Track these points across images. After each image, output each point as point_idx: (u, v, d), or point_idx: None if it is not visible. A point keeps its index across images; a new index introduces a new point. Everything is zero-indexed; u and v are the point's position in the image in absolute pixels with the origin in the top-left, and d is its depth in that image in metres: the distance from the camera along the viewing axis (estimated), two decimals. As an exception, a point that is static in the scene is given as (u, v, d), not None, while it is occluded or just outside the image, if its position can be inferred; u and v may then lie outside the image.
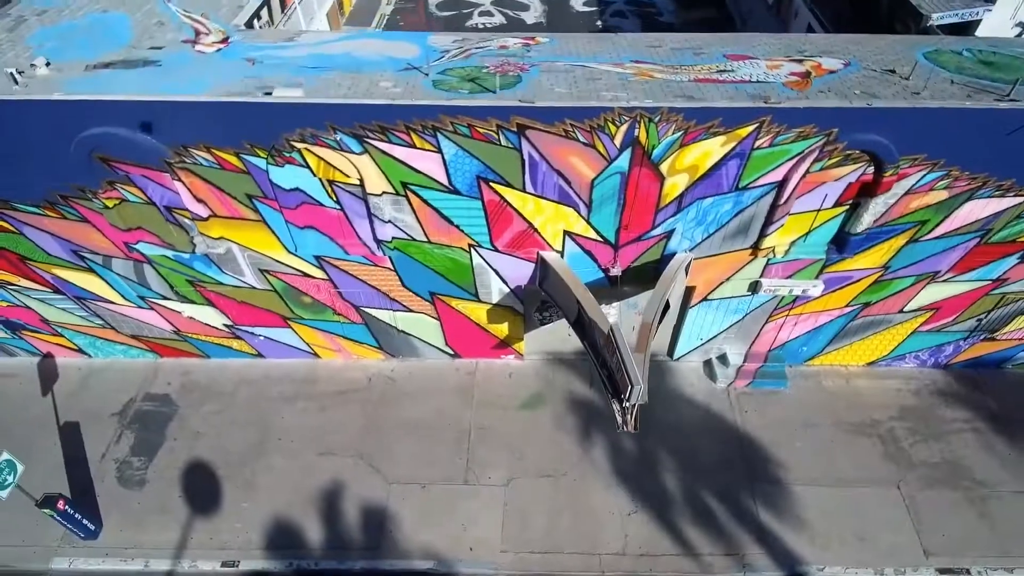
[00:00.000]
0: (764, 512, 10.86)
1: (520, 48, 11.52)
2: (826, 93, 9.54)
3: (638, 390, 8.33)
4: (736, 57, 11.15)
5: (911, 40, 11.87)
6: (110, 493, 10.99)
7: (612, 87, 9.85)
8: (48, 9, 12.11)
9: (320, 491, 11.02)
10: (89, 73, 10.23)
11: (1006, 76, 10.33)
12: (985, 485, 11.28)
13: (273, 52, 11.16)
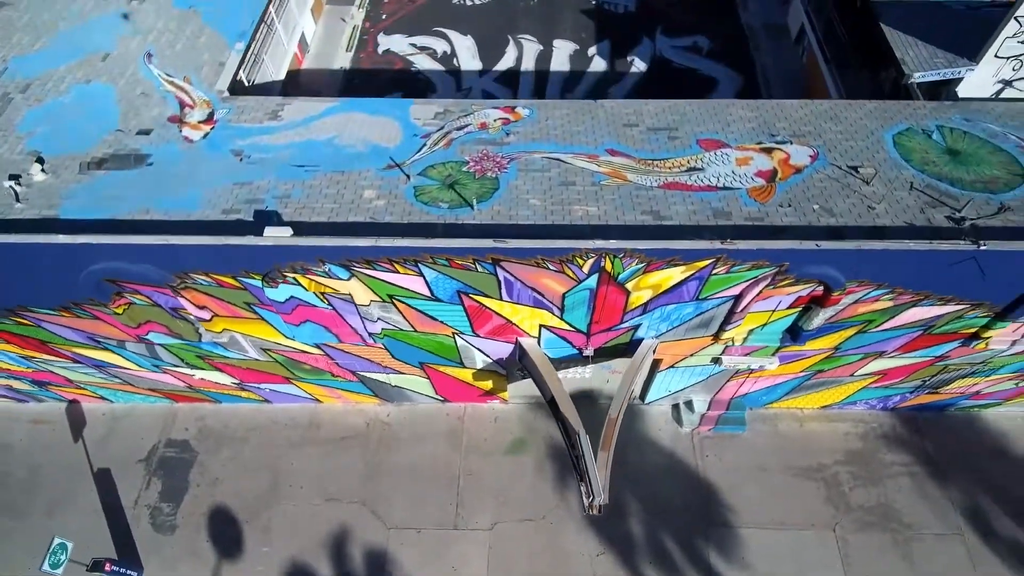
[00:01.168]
0: (715, 554, 12.58)
1: (499, 129, 11.91)
2: (785, 208, 10.16)
3: (597, 501, 9.68)
4: (709, 144, 11.58)
5: (886, 113, 12.17)
6: (146, 538, 12.75)
7: (584, 197, 10.45)
8: (32, 81, 12.36)
9: (329, 536, 12.73)
10: (85, 177, 10.78)
11: (968, 174, 10.83)
12: (911, 528, 12.94)
13: (259, 139, 11.59)
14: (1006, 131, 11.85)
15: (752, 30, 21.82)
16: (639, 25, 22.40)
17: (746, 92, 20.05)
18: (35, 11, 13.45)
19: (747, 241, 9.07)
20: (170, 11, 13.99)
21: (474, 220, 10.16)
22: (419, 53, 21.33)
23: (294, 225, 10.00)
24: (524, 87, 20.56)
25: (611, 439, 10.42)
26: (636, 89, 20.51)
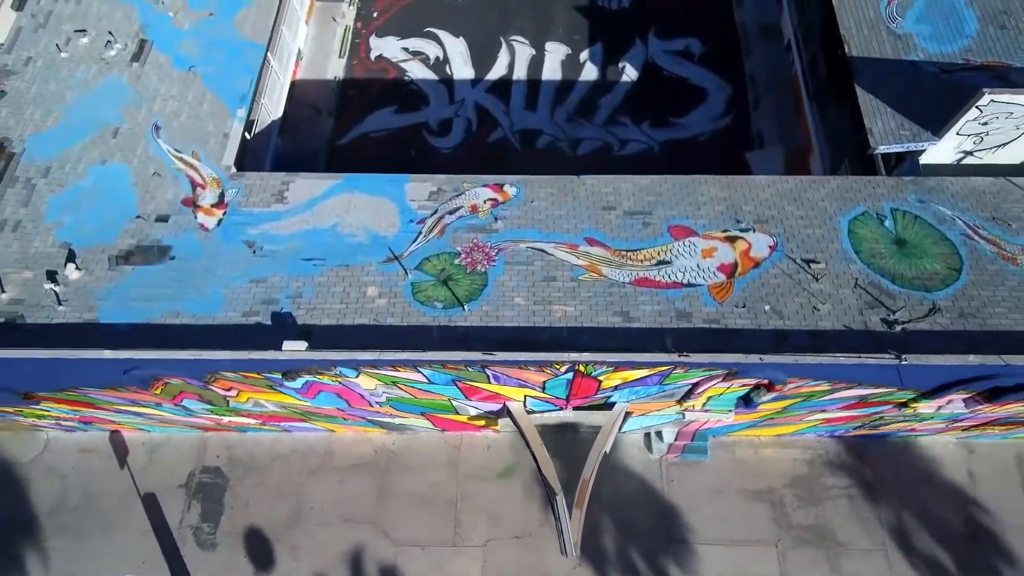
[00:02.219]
0: (673, 567, 14.89)
1: (488, 213, 12.90)
2: (740, 309, 11.45)
3: (570, 557, 11.65)
4: (679, 232, 12.66)
5: (846, 194, 13.17)
6: (192, 556, 15.04)
7: (563, 295, 11.75)
8: (51, 163, 13.22)
9: (346, 553, 15.02)
10: (116, 273, 12.00)
11: (910, 269, 12.04)
12: (842, 544, 15.16)
13: (268, 227, 12.64)
14: (955, 214, 12.92)
15: (746, 30, 21.82)
16: (632, 24, 22.37)
17: (734, 105, 20.52)
18: (41, 81, 14.06)
19: (699, 355, 10.51)
20: (171, 73, 14.55)
21: (465, 322, 11.55)
22: (411, 59, 21.52)
23: (307, 328, 11.43)
24: (516, 97, 20.97)
25: (584, 498, 12.34)
26: (626, 100, 20.96)
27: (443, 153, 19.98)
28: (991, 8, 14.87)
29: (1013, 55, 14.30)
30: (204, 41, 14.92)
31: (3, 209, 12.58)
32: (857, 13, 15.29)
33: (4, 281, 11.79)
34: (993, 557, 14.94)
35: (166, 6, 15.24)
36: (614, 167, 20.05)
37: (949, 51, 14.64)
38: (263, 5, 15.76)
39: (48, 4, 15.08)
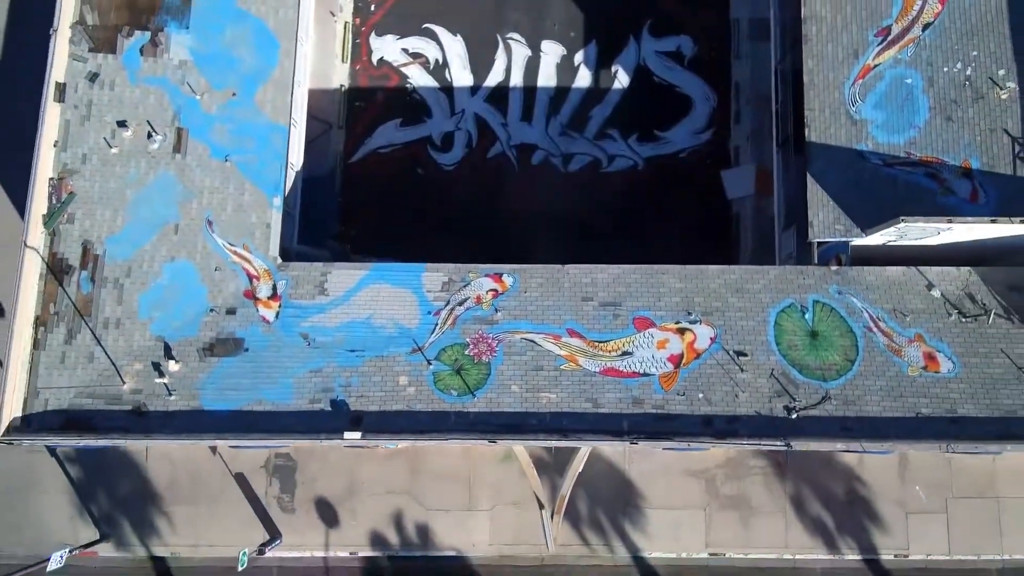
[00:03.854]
0: (628, 525, 20.23)
1: (490, 304, 15.81)
2: (679, 397, 15.06)
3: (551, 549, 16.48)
4: (642, 324, 15.69)
5: (781, 284, 16.23)
6: (278, 518, 20.32)
7: (549, 383, 15.35)
8: (130, 264, 15.77)
9: (391, 514, 20.29)
10: (205, 365, 15.36)
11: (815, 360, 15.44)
12: (753, 508, 20.32)
13: (316, 320, 15.66)
14: (864, 306, 15.92)
15: (738, 27, 22.13)
16: (628, 17, 22.47)
17: (717, 116, 21.72)
18: (101, 179, 16.03)
19: (644, 441, 14.43)
20: (210, 163, 16.45)
21: (475, 407, 15.24)
22: (412, 63, 22.14)
23: (359, 415, 15.20)
24: (513, 107, 22.16)
25: (561, 508, 17.05)
26: (616, 111, 22.09)
27: (446, 169, 21.90)
28: (944, 96, 16.20)
29: (950, 150, 16.07)
30: (233, 127, 16.54)
31: (103, 309, 15.67)
32: (823, 94, 16.59)
33: (122, 373, 15.30)
34: (863, 518, 20.40)
35: (192, 89, 16.48)
36: (602, 183, 22.24)
37: (896, 142, 16.34)
38: (278, 79, 16.93)
39: (85, 92, 16.33)
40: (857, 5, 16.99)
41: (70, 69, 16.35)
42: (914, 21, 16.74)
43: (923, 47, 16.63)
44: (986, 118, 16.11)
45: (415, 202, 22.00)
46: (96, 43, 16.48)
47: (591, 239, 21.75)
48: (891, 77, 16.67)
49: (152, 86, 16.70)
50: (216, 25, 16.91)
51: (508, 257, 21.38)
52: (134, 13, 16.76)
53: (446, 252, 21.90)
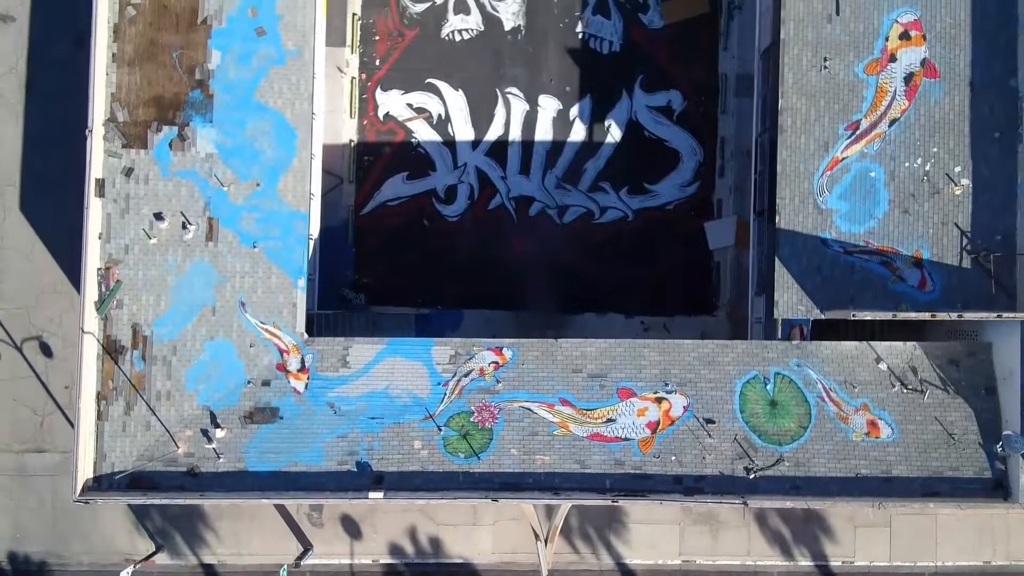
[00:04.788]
0: (612, 537, 23.00)
1: (492, 375, 17.71)
2: (655, 459, 17.19)
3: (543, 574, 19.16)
4: (624, 393, 17.63)
5: (746, 357, 18.16)
6: (309, 531, 23.09)
7: (543, 447, 17.36)
8: (175, 343, 17.63)
9: (407, 528, 23.01)
10: (246, 431, 17.46)
11: (773, 427, 17.62)
12: (721, 523, 23.13)
13: (341, 390, 17.62)
14: (819, 378, 17.86)
15: (726, 82, 22.93)
16: (621, 71, 23.17)
17: (703, 170, 22.88)
18: (144, 267, 17.71)
19: (624, 498, 16.73)
20: (240, 250, 18.01)
21: (479, 468, 17.44)
22: (416, 118, 23.10)
23: (380, 475, 17.46)
24: (512, 161, 23.35)
25: (553, 539, 19.59)
26: (609, 165, 23.26)
27: (450, 220, 23.30)
28: (903, 190, 17.48)
29: (904, 240, 17.58)
30: (259, 215, 18.01)
31: (155, 383, 17.70)
32: (794, 184, 17.90)
33: (176, 439, 17.47)
34: (817, 530, 23.16)
35: (220, 181, 17.77)
36: (594, 233, 23.75)
37: (856, 231, 17.80)
38: (297, 169, 18.20)
39: (123, 187, 17.66)
40: (830, 98, 18.10)
41: (107, 165, 17.73)
42: (882, 116, 17.88)
43: (888, 142, 17.85)
44: (939, 212, 17.59)
45: (422, 251, 23.65)
46: (128, 139, 17.74)
47: (584, 285, 23.63)
48: (857, 170, 17.99)
49: (183, 178, 18.11)
50: (238, 119, 18.11)
51: (507, 302, 23.69)
52: (161, 108, 17.92)
53: (451, 297, 24.10)
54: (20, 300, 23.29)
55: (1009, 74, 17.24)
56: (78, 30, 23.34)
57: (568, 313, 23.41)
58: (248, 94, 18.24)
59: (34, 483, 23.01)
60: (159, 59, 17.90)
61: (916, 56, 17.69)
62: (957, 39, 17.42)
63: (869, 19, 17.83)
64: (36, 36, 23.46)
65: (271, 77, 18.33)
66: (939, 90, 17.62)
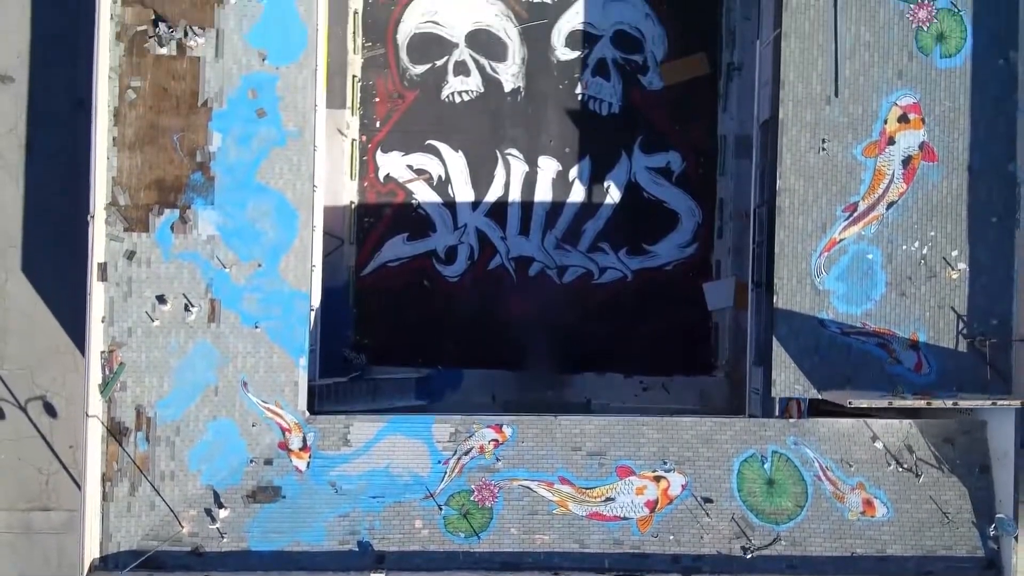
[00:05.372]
0: None
1: (492, 453, 17.79)
2: (653, 538, 17.33)
3: None
4: (623, 472, 17.77)
5: (744, 436, 18.19)
6: None
7: (542, 526, 17.52)
8: (178, 424, 17.71)
9: None
10: (249, 510, 17.53)
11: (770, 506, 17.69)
12: None
13: (342, 469, 17.69)
14: (816, 456, 17.94)
15: (725, 143, 22.89)
16: (620, 132, 23.14)
17: (702, 231, 22.87)
18: (147, 349, 17.71)
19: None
20: (242, 330, 18.00)
21: (479, 547, 17.57)
22: (416, 179, 23.03)
23: (382, 554, 17.57)
24: (512, 221, 23.35)
25: None
26: (608, 225, 23.24)
27: (450, 281, 23.31)
28: (900, 273, 17.49)
29: (901, 323, 17.62)
30: (261, 296, 18.01)
31: (159, 463, 17.77)
32: (792, 264, 17.90)
33: (180, 518, 17.59)
34: None
35: (221, 262, 17.76)
36: (593, 293, 23.78)
37: (853, 312, 17.84)
38: (298, 249, 18.17)
39: (125, 270, 17.65)
40: (828, 181, 18.08)
41: (108, 249, 17.71)
42: (880, 199, 17.87)
43: (885, 225, 17.86)
44: (936, 295, 17.63)
45: (423, 311, 23.68)
46: (130, 223, 17.72)
47: (583, 344, 23.68)
48: (854, 252, 18.00)
49: (185, 260, 18.09)
50: (239, 200, 18.07)
51: (507, 361, 23.74)
52: (162, 191, 17.89)
53: (452, 357, 24.16)
54: (23, 360, 23.46)
55: (1008, 159, 17.26)
56: (77, 91, 23.44)
57: (568, 373, 23.61)
58: (249, 176, 18.24)
59: (40, 541, 23.24)
60: (160, 142, 17.88)
61: (915, 139, 17.69)
62: (956, 123, 17.42)
63: (868, 101, 17.82)
64: (35, 97, 23.40)
65: (272, 158, 18.34)
66: (937, 174, 17.62)
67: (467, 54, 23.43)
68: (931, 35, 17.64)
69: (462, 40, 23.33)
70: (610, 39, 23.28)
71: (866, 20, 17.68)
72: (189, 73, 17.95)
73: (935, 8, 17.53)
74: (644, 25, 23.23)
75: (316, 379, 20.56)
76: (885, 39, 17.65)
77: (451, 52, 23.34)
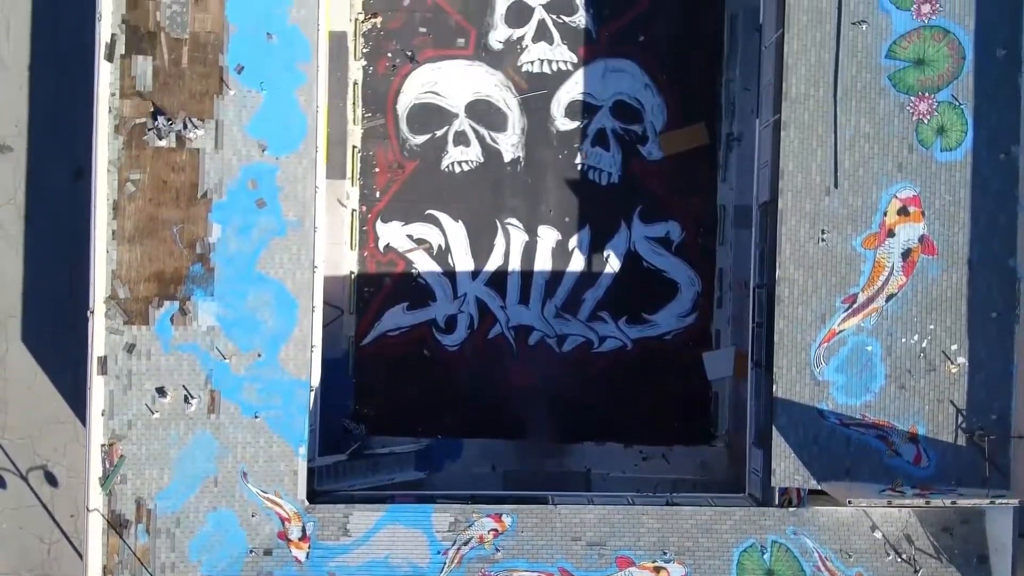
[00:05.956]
0: None
1: (491, 543, 17.76)
2: None
3: None
4: (623, 563, 17.76)
5: (744, 525, 18.12)
6: None
7: None
8: (178, 515, 17.61)
9: None
10: None
11: None
12: None
13: (342, 559, 17.68)
14: (815, 546, 17.93)
15: (724, 213, 22.75)
16: (619, 203, 23.02)
17: (701, 301, 22.78)
18: (147, 442, 17.64)
19: None
20: (242, 421, 17.95)
21: None
22: (416, 249, 22.93)
23: None
24: (512, 291, 23.23)
25: None
26: (608, 295, 23.13)
27: (450, 350, 23.23)
28: (900, 365, 17.43)
29: (900, 415, 17.56)
30: (260, 385, 17.94)
31: (159, 555, 17.75)
32: (791, 354, 17.82)
33: None
34: None
35: (221, 353, 17.69)
36: (593, 362, 23.65)
37: (853, 403, 17.78)
38: (298, 338, 18.11)
39: (125, 363, 17.58)
40: (827, 271, 17.99)
41: (108, 342, 17.64)
42: (879, 291, 17.80)
43: (885, 317, 17.79)
44: (935, 389, 17.55)
45: (423, 381, 23.57)
46: (130, 316, 17.65)
47: (583, 414, 23.60)
48: (854, 343, 17.93)
49: (185, 352, 18.03)
50: (239, 291, 17.99)
51: (507, 431, 23.67)
52: (162, 284, 17.81)
53: (452, 426, 24.07)
54: (24, 430, 23.42)
55: (1008, 254, 17.18)
56: (76, 161, 23.36)
57: (567, 442, 23.57)
58: (249, 266, 18.16)
59: (42, 611, 23.36)
60: (159, 234, 17.80)
61: (915, 232, 17.62)
62: (956, 217, 17.34)
63: (868, 193, 17.73)
64: (34, 167, 23.35)
65: (272, 248, 18.25)
66: (937, 267, 17.54)
67: (467, 124, 23.39)
68: (932, 128, 17.58)
69: (462, 110, 23.27)
70: (609, 109, 23.29)
71: (866, 112, 17.65)
72: (189, 165, 17.91)
73: (936, 101, 17.48)
74: (643, 95, 23.26)
75: (316, 458, 20.52)
76: (885, 131, 17.59)
77: (451, 122, 23.30)
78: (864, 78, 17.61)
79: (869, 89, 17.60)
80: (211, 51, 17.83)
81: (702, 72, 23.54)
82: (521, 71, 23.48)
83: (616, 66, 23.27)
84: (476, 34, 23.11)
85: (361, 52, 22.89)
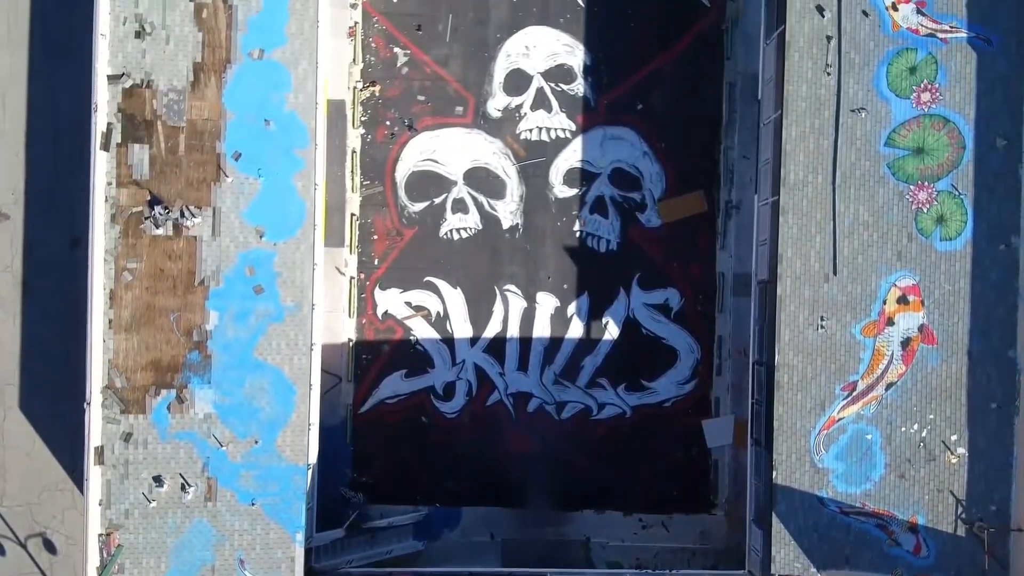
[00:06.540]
0: None
1: None
2: None
3: None
4: None
5: None
6: None
7: None
8: None
9: None
10: None
11: None
12: None
13: None
14: None
15: (723, 281, 22.65)
16: (618, 270, 22.91)
17: (701, 368, 22.67)
18: (144, 531, 17.50)
19: None
20: (239, 508, 17.83)
21: None
22: (415, 316, 22.79)
23: None
24: (510, 358, 23.06)
25: None
26: (607, 361, 22.99)
27: (449, 417, 23.09)
28: (899, 455, 17.30)
29: (900, 504, 17.43)
30: (257, 472, 17.82)
31: None
32: (790, 440, 17.70)
33: None
34: None
35: (218, 441, 17.55)
36: (592, 429, 23.53)
37: (852, 492, 17.66)
38: (295, 424, 17.98)
39: (122, 453, 17.48)
40: (826, 358, 17.87)
41: (105, 432, 17.51)
42: (879, 380, 17.67)
43: (884, 406, 17.66)
44: (935, 479, 17.44)
45: (421, 448, 23.42)
46: (127, 405, 17.53)
47: (582, 481, 23.47)
48: (853, 432, 17.80)
49: (181, 440, 17.89)
50: (236, 378, 17.87)
51: (506, 499, 23.51)
52: (159, 372, 17.67)
53: (450, 494, 23.89)
54: (22, 498, 23.25)
55: (1008, 345, 17.07)
56: (74, 229, 23.19)
57: (567, 510, 23.44)
58: (246, 353, 18.02)
59: None
60: (156, 323, 17.67)
61: (914, 321, 17.50)
62: (956, 306, 17.23)
63: (867, 281, 17.61)
64: (31, 235, 23.18)
65: (269, 334, 18.13)
66: (937, 357, 17.42)
67: (465, 191, 23.27)
68: (931, 217, 17.47)
69: (460, 178, 23.13)
70: (608, 177, 23.18)
71: (865, 200, 17.54)
72: (186, 252, 17.77)
73: (935, 190, 17.37)
74: (642, 163, 23.15)
75: (314, 536, 20.39)
76: (884, 219, 17.48)
77: (449, 190, 23.17)
78: (863, 166, 17.52)
79: (868, 177, 17.50)
80: (208, 138, 17.73)
81: (700, 140, 23.39)
82: (520, 139, 23.35)
83: (614, 134, 23.26)
84: (475, 102, 23.10)
85: (360, 120, 22.81)
